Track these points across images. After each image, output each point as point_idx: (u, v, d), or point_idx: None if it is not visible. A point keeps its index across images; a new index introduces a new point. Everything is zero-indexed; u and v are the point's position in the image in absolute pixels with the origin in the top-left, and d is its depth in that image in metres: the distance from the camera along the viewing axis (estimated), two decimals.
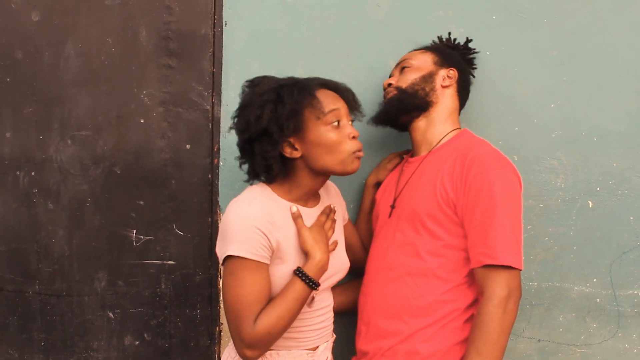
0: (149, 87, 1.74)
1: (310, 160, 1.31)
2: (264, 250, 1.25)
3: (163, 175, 1.75)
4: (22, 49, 1.75)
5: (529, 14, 1.71)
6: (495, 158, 1.35)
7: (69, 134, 1.75)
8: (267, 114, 1.27)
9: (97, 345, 1.76)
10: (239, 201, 1.30)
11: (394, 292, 1.38)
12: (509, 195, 1.30)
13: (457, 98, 1.53)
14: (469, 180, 1.31)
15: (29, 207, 1.75)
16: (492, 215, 1.27)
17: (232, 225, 1.25)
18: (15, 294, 1.77)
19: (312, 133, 1.29)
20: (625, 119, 1.69)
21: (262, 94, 1.30)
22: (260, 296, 1.25)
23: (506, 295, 1.25)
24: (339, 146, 1.30)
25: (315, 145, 1.29)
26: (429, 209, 1.36)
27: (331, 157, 1.30)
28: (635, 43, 1.70)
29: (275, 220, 1.28)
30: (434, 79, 1.49)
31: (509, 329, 1.25)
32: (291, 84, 1.31)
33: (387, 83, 1.55)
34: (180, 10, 1.74)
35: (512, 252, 1.27)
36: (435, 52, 1.54)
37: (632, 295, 1.70)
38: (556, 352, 1.72)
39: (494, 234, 1.27)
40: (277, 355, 1.33)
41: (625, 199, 1.69)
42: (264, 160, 1.30)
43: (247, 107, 1.31)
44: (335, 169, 1.31)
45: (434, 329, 1.33)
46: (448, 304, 1.34)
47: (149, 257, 1.75)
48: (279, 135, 1.27)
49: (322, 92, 1.32)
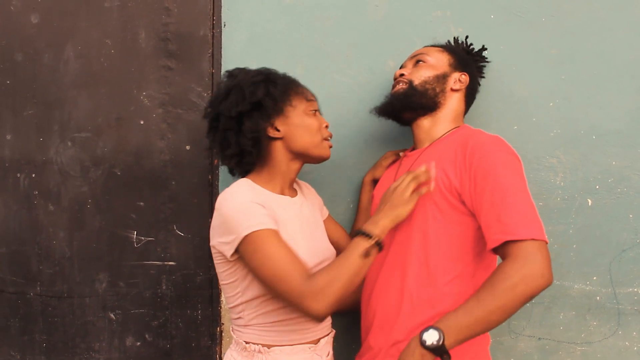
0: (148, 88, 1.75)
1: (290, 141, 1.40)
2: (270, 218, 1.29)
3: (163, 176, 1.75)
4: (22, 51, 1.75)
5: (528, 14, 1.71)
6: (494, 142, 1.33)
7: (69, 135, 1.75)
8: (261, 89, 1.37)
9: (98, 346, 1.77)
10: (226, 193, 1.34)
11: (395, 285, 1.38)
12: (515, 174, 1.28)
13: (464, 102, 1.52)
14: (473, 166, 1.29)
15: (30, 209, 1.76)
16: (503, 195, 1.24)
17: (231, 212, 1.29)
18: (16, 295, 1.77)
19: (296, 116, 1.40)
20: (624, 118, 1.70)
21: (253, 76, 1.39)
22: (293, 255, 1.26)
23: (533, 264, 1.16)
24: (317, 131, 1.41)
25: (297, 127, 1.39)
26: (431, 196, 1.34)
27: (310, 139, 1.40)
28: (634, 42, 1.70)
29: (264, 203, 1.32)
30: (446, 80, 1.48)
31: (522, 297, 1.16)
32: (276, 72, 1.43)
33: (399, 73, 1.52)
34: (179, 11, 1.74)
35: (531, 225, 1.21)
36: (452, 54, 1.53)
37: (632, 293, 1.70)
38: (557, 351, 1.72)
39: (509, 211, 1.22)
40: (279, 351, 1.34)
41: (624, 197, 1.69)
42: (253, 133, 1.37)
43: (237, 87, 1.38)
44: (312, 151, 1.41)
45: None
46: (451, 296, 1.32)
47: (150, 258, 1.75)
48: (273, 109, 1.37)
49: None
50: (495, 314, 1.18)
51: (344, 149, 1.73)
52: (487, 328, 1.20)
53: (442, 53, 1.52)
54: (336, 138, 1.73)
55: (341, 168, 1.73)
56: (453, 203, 1.32)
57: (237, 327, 1.40)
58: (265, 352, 1.34)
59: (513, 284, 1.17)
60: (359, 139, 1.72)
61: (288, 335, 1.35)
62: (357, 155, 1.74)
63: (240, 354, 1.37)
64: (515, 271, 1.17)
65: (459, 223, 1.33)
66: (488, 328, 1.20)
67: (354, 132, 1.71)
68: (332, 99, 1.71)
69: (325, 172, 1.73)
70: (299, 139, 1.39)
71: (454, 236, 1.33)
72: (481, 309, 1.18)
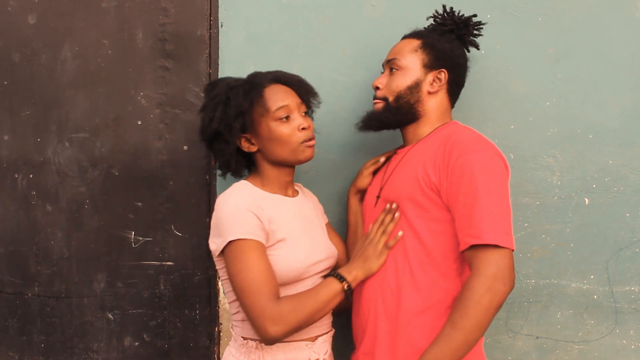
0: (145, 88, 1.75)
1: (265, 153, 1.42)
2: (259, 230, 1.31)
3: (161, 176, 1.75)
4: (19, 51, 1.75)
5: (524, 13, 1.71)
6: (475, 142, 1.32)
7: (66, 136, 1.75)
8: (217, 116, 1.38)
9: (96, 346, 1.77)
10: (225, 195, 1.37)
11: (382, 282, 1.39)
12: (491, 176, 1.27)
13: (448, 99, 1.49)
14: (450, 164, 1.29)
15: (28, 209, 1.76)
16: (474, 197, 1.25)
17: (225, 215, 1.32)
18: (14, 296, 1.77)
19: (263, 129, 1.39)
20: (620, 116, 1.70)
21: (214, 97, 1.41)
22: (269, 272, 1.29)
23: (493, 273, 1.20)
24: (289, 138, 1.38)
25: (267, 140, 1.39)
26: (411, 194, 1.35)
27: (283, 149, 1.39)
28: (630, 40, 1.70)
29: (261, 205, 1.35)
30: (419, 88, 1.44)
31: (490, 309, 1.20)
32: (240, 85, 1.41)
33: (375, 85, 1.50)
34: (176, 11, 1.74)
35: (498, 230, 1.22)
36: (426, 50, 1.46)
37: (629, 291, 1.70)
38: (554, 349, 1.72)
39: (478, 214, 1.24)
40: (276, 348, 1.35)
41: (621, 196, 1.70)
42: (222, 157, 1.43)
43: (203, 110, 1.44)
44: (289, 158, 1.40)
45: (426, 317, 1.32)
46: (436, 293, 1.33)
47: (148, 258, 1.76)
48: (229, 135, 1.38)
49: (272, 88, 1.41)
50: (474, 333, 1.21)
51: (341, 147, 1.74)
52: (470, 347, 1.22)
53: (416, 53, 1.46)
54: (333, 137, 1.73)
55: (338, 166, 1.73)
56: (434, 200, 1.33)
57: (236, 323, 1.41)
58: (262, 348, 1.35)
59: (479, 298, 1.20)
60: (356, 137, 1.72)
61: None
62: (355, 153, 1.74)
63: (238, 350, 1.39)
64: (479, 284, 1.21)
65: (441, 220, 1.33)
66: (470, 347, 1.22)
67: (351, 131, 1.71)
68: (329, 98, 1.71)
69: (322, 171, 1.73)
70: (272, 150, 1.40)
71: (436, 233, 1.34)
72: (459, 332, 1.21)
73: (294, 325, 1.26)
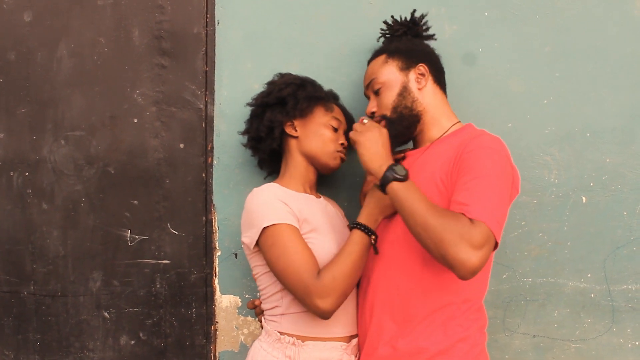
0: (142, 86, 1.74)
1: (303, 142, 1.51)
2: (292, 216, 1.37)
3: (157, 174, 1.75)
4: (15, 50, 1.74)
5: (521, 11, 1.71)
6: (491, 141, 1.32)
7: (62, 134, 1.75)
8: (288, 90, 1.49)
9: (92, 345, 1.76)
10: (252, 192, 1.43)
11: (388, 283, 1.38)
12: (498, 172, 1.26)
13: (438, 88, 1.48)
14: (462, 158, 1.29)
15: (23, 208, 1.75)
16: (476, 183, 1.23)
17: (255, 206, 1.38)
18: (10, 294, 1.76)
19: (314, 123, 1.51)
20: (618, 115, 1.70)
21: (293, 79, 1.53)
22: (307, 251, 1.34)
23: (476, 241, 1.16)
24: (330, 142, 1.51)
25: (311, 133, 1.50)
26: (428, 196, 1.33)
27: (319, 146, 1.50)
28: (628, 39, 1.70)
29: (290, 199, 1.41)
30: (409, 89, 1.44)
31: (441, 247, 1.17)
32: (317, 84, 1.55)
33: (369, 111, 1.50)
34: (172, 9, 1.74)
35: (491, 214, 1.20)
36: (395, 56, 1.47)
37: (626, 290, 1.70)
38: (551, 348, 1.72)
39: (475, 195, 1.22)
40: (312, 346, 1.37)
41: (618, 195, 1.69)
42: (270, 123, 1.50)
43: (273, 84, 1.55)
44: (320, 157, 1.50)
45: (433, 319, 1.32)
46: (444, 295, 1.32)
47: (144, 256, 1.75)
48: (292, 106, 1.48)
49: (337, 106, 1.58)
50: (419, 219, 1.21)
51: None
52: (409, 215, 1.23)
53: (387, 64, 1.47)
54: None
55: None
56: (449, 199, 1.32)
57: (273, 317, 1.42)
58: (299, 344, 1.37)
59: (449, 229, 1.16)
60: None
61: (322, 327, 1.38)
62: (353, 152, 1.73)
63: (271, 345, 1.39)
64: (462, 225, 1.17)
65: None
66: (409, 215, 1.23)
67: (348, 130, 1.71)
68: None
69: None
70: (311, 142, 1.50)
71: None
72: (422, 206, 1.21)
73: (340, 293, 1.30)
